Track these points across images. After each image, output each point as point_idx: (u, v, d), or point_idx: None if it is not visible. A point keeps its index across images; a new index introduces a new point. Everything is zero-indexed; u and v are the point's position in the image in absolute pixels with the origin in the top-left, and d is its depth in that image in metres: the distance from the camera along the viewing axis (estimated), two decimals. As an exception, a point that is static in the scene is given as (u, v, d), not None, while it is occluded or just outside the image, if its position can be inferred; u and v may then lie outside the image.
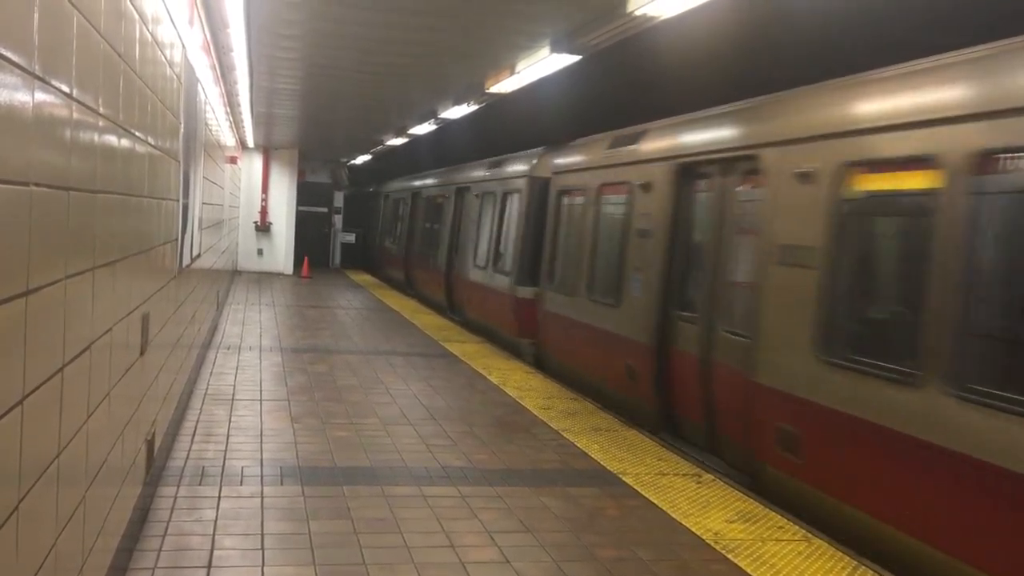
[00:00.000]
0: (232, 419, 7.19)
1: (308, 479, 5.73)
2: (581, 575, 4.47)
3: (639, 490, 5.91)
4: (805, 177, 5.97)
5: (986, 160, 4.64)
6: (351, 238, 28.69)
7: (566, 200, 10.94)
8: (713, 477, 6.32)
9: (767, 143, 6.51)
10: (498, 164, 14.14)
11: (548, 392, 9.14)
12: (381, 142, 19.93)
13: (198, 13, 6.87)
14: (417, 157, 23.45)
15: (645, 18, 6.61)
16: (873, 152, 5.40)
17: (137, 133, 3.91)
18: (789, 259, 6.09)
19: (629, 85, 12.64)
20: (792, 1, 8.81)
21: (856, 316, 5.75)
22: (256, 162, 23.28)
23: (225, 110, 12.76)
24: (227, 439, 6.57)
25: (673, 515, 5.44)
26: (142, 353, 4.36)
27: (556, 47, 7.97)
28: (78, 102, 2.65)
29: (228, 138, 14.46)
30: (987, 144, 4.62)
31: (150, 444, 4.84)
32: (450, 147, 20.49)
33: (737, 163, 7.01)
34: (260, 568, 4.28)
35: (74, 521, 2.83)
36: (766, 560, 4.79)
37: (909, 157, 5.15)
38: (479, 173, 15.21)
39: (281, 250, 23.66)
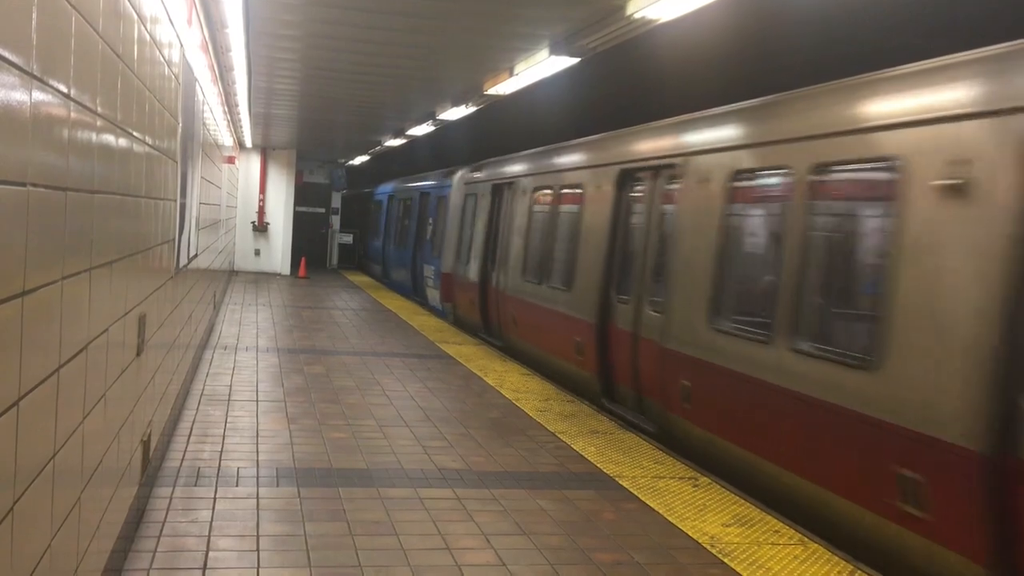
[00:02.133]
0: (228, 420, 7.18)
1: (304, 481, 5.72)
2: (577, 578, 4.46)
3: (636, 493, 5.91)
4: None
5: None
6: (348, 239, 28.69)
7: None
8: (710, 480, 6.32)
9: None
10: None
11: (545, 394, 9.13)
12: (379, 143, 19.93)
13: (196, 13, 6.87)
14: (416, 158, 23.45)
15: (644, 21, 6.61)
16: None
17: (135, 133, 3.90)
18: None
19: (628, 87, 12.66)
20: (790, 4, 8.81)
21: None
22: (254, 162, 23.27)
23: (223, 110, 12.76)
24: (223, 440, 6.55)
25: (670, 518, 5.44)
26: (138, 354, 4.35)
27: (555, 49, 7.97)
28: (76, 102, 2.64)
29: (226, 138, 14.45)
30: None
31: (146, 445, 4.82)
32: (450, 148, 20.48)
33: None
34: (255, 570, 4.27)
35: (69, 522, 2.82)
36: (762, 564, 4.79)
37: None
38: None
39: (278, 250, 23.64)
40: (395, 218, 22.72)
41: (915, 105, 5.22)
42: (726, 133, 7.35)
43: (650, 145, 8.63)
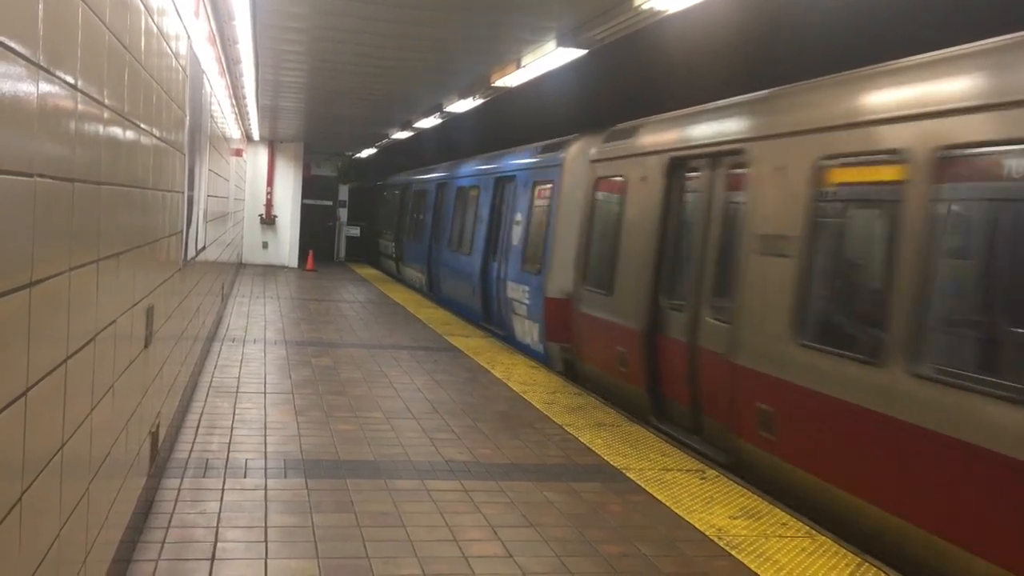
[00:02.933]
0: (236, 412, 7.20)
1: (312, 472, 5.73)
2: (584, 570, 4.47)
3: (643, 485, 5.91)
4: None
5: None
6: (356, 231, 28.73)
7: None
8: (717, 473, 6.31)
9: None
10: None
11: (552, 387, 9.13)
12: (386, 136, 19.92)
13: (204, 5, 6.87)
14: (423, 151, 23.43)
15: (651, 12, 6.59)
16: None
17: (142, 125, 3.91)
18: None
19: (636, 79, 12.61)
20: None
21: None
22: (262, 155, 23.31)
23: (231, 103, 12.77)
24: (231, 432, 6.57)
25: (677, 511, 5.44)
26: (146, 345, 4.36)
27: (562, 41, 7.95)
28: (83, 93, 2.64)
29: (233, 131, 14.46)
30: None
31: (154, 436, 4.84)
32: (455, 142, 20.47)
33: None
34: (263, 561, 4.28)
35: (77, 513, 2.83)
36: (769, 556, 4.79)
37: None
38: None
39: (286, 243, 23.70)
40: (449, 212, 17.12)
41: None
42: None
43: None
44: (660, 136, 8.64)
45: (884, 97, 5.59)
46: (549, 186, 11.45)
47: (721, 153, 7.34)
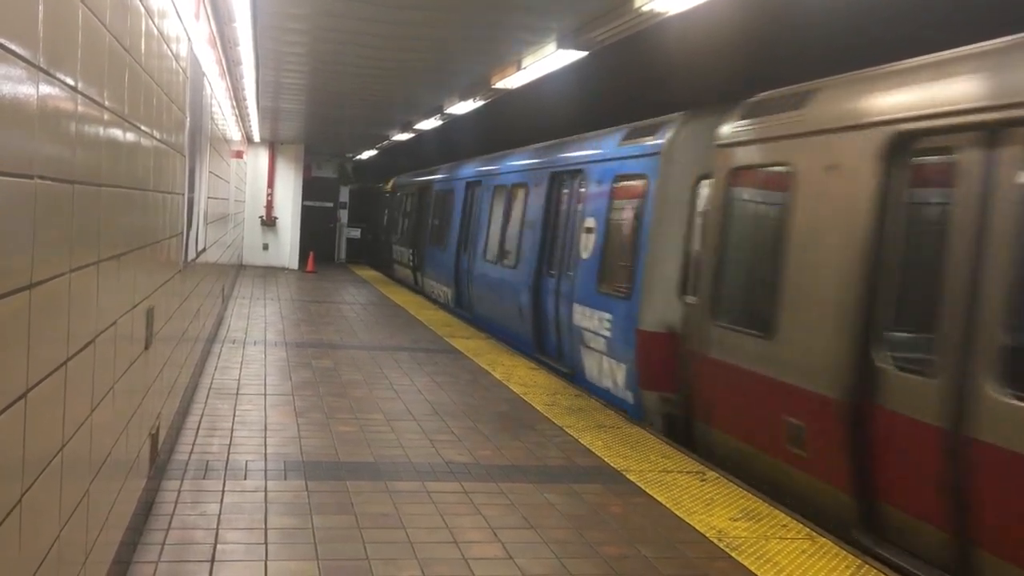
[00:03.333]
0: (236, 413, 7.20)
1: (312, 474, 5.73)
2: (584, 572, 4.47)
3: (643, 487, 5.90)
4: None
5: None
6: (356, 233, 28.77)
7: None
8: (717, 475, 6.31)
9: None
10: None
11: (552, 388, 9.13)
12: (387, 137, 19.94)
13: (204, 7, 6.87)
14: (423, 153, 23.41)
15: (652, 14, 6.59)
16: None
17: (143, 127, 3.91)
18: None
19: (636, 81, 12.60)
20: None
21: None
22: (262, 157, 23.33)
23: (231, 104, 12.78)
24: (231, 433, 6.57)
25: (677, 512, 5.44)
26: (147, 347, 4.37)
27: (562, 43, 7.95)
28: (83, 95, 2.64)
29: (234, 132, 14.47)
30: None
31: (154, 438, 4.84)
32: (456, 144, 20.46)
33: None
34: (263, 562, 4.28)
35: (77, 514, 2.83)
36: (770, 558, 4.78)
37: None
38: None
39: (287, 245, 23.72)
40: (483, 215, 14.55)
41: None
42: None
43: None
44: (864, 102, 5.68)
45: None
46: (639, 182, 8.77)
47: (1016, 121, 4.50)
